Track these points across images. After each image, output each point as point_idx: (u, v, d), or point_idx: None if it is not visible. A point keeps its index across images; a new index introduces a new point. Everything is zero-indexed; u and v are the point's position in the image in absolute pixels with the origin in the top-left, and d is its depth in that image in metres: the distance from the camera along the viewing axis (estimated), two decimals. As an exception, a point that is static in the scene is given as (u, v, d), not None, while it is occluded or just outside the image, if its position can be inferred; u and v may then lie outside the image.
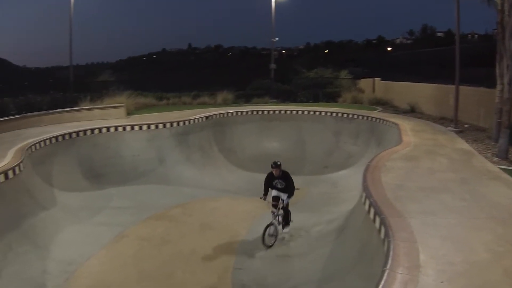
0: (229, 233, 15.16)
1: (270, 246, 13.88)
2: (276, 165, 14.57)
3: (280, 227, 14.46)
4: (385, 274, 6.40)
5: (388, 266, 6.59)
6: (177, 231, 15.60)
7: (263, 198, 14.67)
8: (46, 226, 14.60)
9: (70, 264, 13.02)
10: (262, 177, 22.41)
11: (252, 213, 17.27)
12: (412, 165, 13.37)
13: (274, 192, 14.67)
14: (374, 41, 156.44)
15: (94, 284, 11.95)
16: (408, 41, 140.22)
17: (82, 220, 16.22)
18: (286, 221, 14.61)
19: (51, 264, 13.07)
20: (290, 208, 14.78)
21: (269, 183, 14.87)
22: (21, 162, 15.70)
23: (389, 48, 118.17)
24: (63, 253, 13.66)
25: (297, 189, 16.36)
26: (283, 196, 14.46)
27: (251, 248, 13.79)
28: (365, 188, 10.83)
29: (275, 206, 14.45)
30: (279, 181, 14.62)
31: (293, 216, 15.02)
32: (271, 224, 14.12)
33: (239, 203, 19.06)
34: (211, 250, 13.85)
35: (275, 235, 14.21)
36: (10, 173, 14.69)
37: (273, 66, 42.61)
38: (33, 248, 13.56)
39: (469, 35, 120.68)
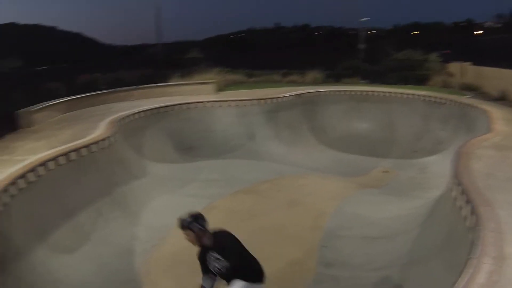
0: (316, 211, 15.28)
1: None
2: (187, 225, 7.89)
3: None
4: (470, 262, 6.47)
5: (474, 255, 6.66)
6: (265, 205, 15.91)
7: None
8: (136, 194, 15.19)
9: (158, 232, 13.69)
10: (351, 157, 22.78)
11: (340, 193, 17.33)
12: (502, 155, 13.14)
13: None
14: (463, 24, 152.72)
15: (180, 251, 12.37)
16: (498, 25, 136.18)
17: (172, 190, 16.80)
18: None
19: (140, 230, 13.91)
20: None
21: (204, 264, 7.84)
22: (114, 133, 16.38)
23: (478, 32, 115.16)
24: (152, 220, 14.49)
25: (386, 172, 16.38)
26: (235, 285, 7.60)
27: (337, 227, 13.92)
28: (455, 175, 10.80)
29: None
30: (214, 256, 7.72)
31: (379, 198, 15.10)
32: None
33: (327, 182, 19.16)
34: (298, 226, 14.10)
35: None
36: (103, 143, 15.63)
37: (362, 46, 42.33)
38: (123, 215, 14.46)
39: None
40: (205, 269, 7.71)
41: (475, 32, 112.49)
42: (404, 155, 23.14)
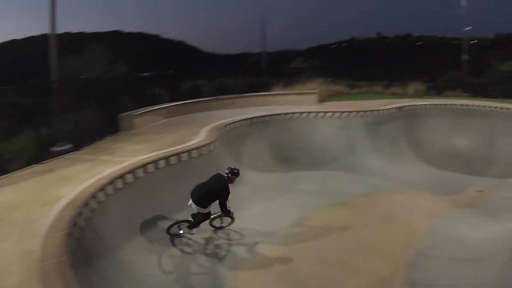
0: (410, 229, 14.92)
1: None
2: (237, 173, 13.37)
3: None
4: None
5: None
6: (359, 220, 15.63)
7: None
8: (231, 201, 15.23)
9: (250, 239, 13.86)
10: (447, 174, 22.22)
11: (435, 211, 16.89)
12: None
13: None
14: None
15: (273, 260, 12.53)
16: None
17: (267, 199, 16.83)
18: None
19: (235, 238, 14.09)
20: None
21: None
22: (214, 140, 16.54)
23: None
24: (247, 227, 14.48)
25: (481, 191, 15.85)
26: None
27: (429, 247, 13.54)
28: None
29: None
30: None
31: (474, 219, 15.02)
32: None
33: (423, 199, 18.64)
34: (390, 243, 13.81)
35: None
36: (203, 149, 15.97)
37: (465, 57, 41.46)
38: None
39: None
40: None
41: None
42: (503, 174, 22.22)
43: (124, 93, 22.54)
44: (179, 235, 13.29)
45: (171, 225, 13.06)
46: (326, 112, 23.60)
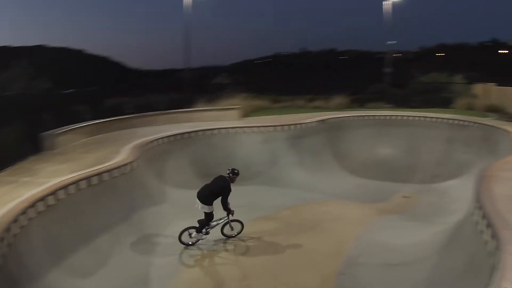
0: (337, 238, 15.18)
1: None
2: (237, 172, 15.38)
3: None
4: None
5: (495, 280, 6.55)
6: (286, 232, 15.81)
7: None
8: (155, 220, 15.28)
9: (175, 258, 13.82)
10: (372, 183, 22.75)
11: (361, 219, 17.33)
12: (527, 177, 13.04)
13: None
14: (489, 44, 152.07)
15: (199, 278, 12.63)
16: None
17: (191, 216, 16.61)
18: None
19: (157, 257, 13.89)
20: None
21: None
22: (136, 158, 16.47)
23: (505, 51, 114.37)
24: (170, 247, 14.43)
25: (406, 197, 16.31)
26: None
27: (357, 255, 13.80)
28: (476, 198, 10.69)
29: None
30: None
31: (400, 224, 15.47)
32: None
33: (349, 208, 19.09)
34: (317, 253, 13.97)
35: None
36: (124, 168, 15.74)
37: (388, 70, 42.30)
38: (141, 240, 14.61)
39: None
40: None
41: (499, 51, 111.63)
42: (426, 179, 23.10)
43: (46, 111, 22.14)
44: (190, 244, 14.63)
45: (181, 233, 14.48)
46: (248, 127, 23.71)
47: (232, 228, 15.29)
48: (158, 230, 15.03)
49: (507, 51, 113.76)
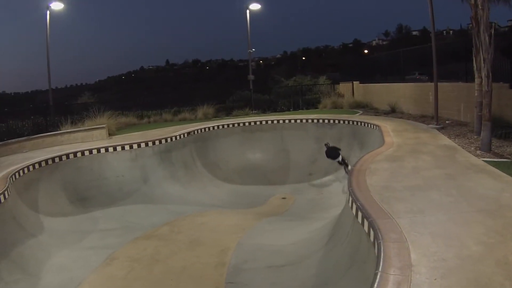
0: (219, 247, 14.97)
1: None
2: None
3: None
4: (378, 276, 6.36)
5: (380, 268, 6.56)
6: (166, 249, 15.38)
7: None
8: (34, 253, 14.49)
9: None
10: (247, 188, 22.88)
11: (240, 226, 17.21)
12: (397, 165, 13.38)
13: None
14: (351, 45, 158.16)
15: None
16: (384, 42, 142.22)
17: (70, 244, 16.05)
18: None
19: None
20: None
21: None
22: (5, 190, 15.57)
23: (366, 51, 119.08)
24: (54, 279, 13.49)
25: (283, 198, 16.39)
26: None
27: (242, 261, 13.65)
28: (351, 192, 10.80)
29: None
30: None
31: (281, 225, 15.30)
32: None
33: (227, 216, 19.01)
34: (202, 265, 13.69)
35: None
36: None
37: (251, 77, 42.72)
38: (24, 276, 13.41)
39: (444, 32, 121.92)
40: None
41: (365, 51, 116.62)
42: (301, 179, 23.64)
43: None
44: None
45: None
46: (116, 146, 23.16)
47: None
48: (40, 263, 14.29)
49: (367, 51, 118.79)
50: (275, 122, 28.62)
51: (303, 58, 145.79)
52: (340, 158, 21.44)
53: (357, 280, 8.40)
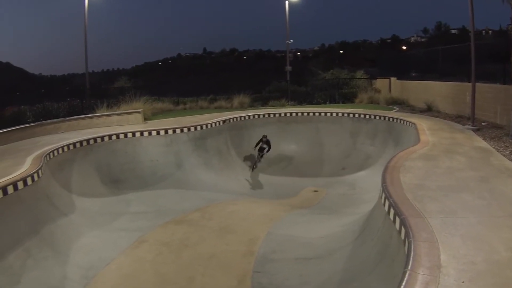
0: (248, 236, 15.05)
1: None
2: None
3: None
4: (406, 275, 6.35)
5: (409, 267, 6.54)
6: (196, 235, 15.50)
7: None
8: (65, 231, 14.62)
9: (90, 270, 13.02)
10: (279, 179, 22.88)
11: (271, 216, 17.22)
12: (431, 165, 13.26)
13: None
14: (389, 40, 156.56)
15: (115, 286, 12.00)
16: (423, 39, 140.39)
17: (101, 225, 16.20)
18: None
19: (71, 270, 13.08)
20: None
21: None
22: (39, 169, 15.71)
23: (404, 47, 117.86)
24: (83, 258, 13.67)
25: (315, 191, 16.33)
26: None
27: (270, 251, 13.71)
28: (384, 188, 10.74)
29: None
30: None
31: (311, 218, 15.35)
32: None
33: (258, 206, 19.02)
34: (231, 253, 13.78)
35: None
36: (29, 180, 14.71)
37: (288, 68, 42.70)
38: (53, 254, 13.56)
39: (483, 31, 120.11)
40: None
41: (403, 48, 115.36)
42: (334, 173, 23.55)
43: None
44: None
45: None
46: (151, 131, 23.31)
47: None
48: (70, 242, 14.42)
49: (406, 47, 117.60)
50: (311, 114, 28.50)
51: (341, 51, 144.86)
52: (263, 153, 24.37)
53: (385, 277, 8.38)
